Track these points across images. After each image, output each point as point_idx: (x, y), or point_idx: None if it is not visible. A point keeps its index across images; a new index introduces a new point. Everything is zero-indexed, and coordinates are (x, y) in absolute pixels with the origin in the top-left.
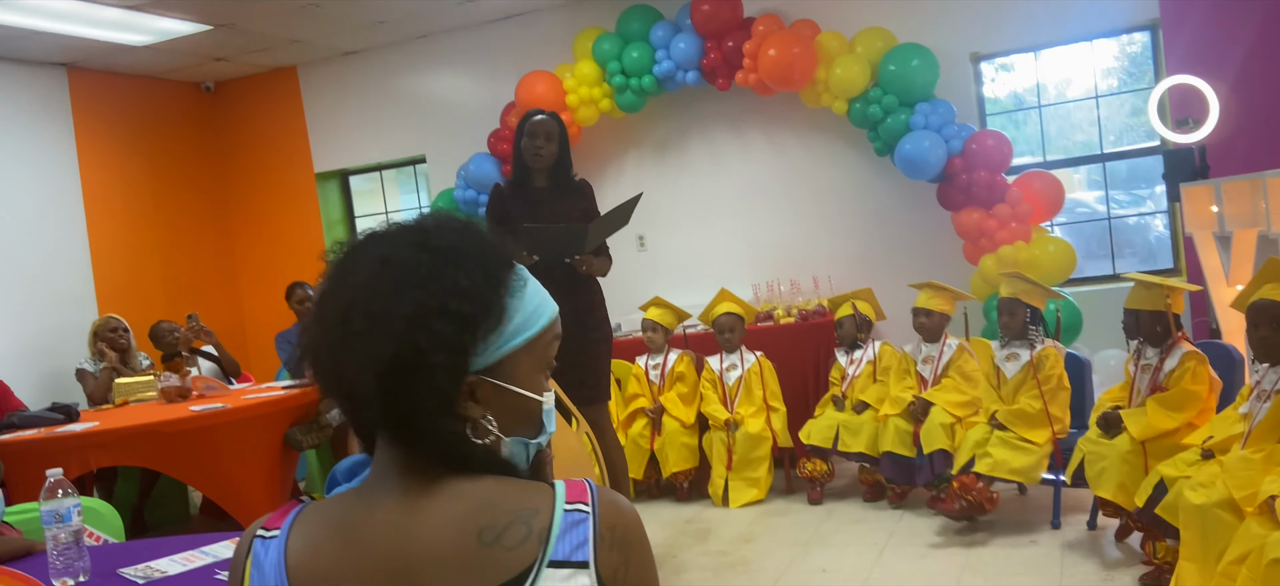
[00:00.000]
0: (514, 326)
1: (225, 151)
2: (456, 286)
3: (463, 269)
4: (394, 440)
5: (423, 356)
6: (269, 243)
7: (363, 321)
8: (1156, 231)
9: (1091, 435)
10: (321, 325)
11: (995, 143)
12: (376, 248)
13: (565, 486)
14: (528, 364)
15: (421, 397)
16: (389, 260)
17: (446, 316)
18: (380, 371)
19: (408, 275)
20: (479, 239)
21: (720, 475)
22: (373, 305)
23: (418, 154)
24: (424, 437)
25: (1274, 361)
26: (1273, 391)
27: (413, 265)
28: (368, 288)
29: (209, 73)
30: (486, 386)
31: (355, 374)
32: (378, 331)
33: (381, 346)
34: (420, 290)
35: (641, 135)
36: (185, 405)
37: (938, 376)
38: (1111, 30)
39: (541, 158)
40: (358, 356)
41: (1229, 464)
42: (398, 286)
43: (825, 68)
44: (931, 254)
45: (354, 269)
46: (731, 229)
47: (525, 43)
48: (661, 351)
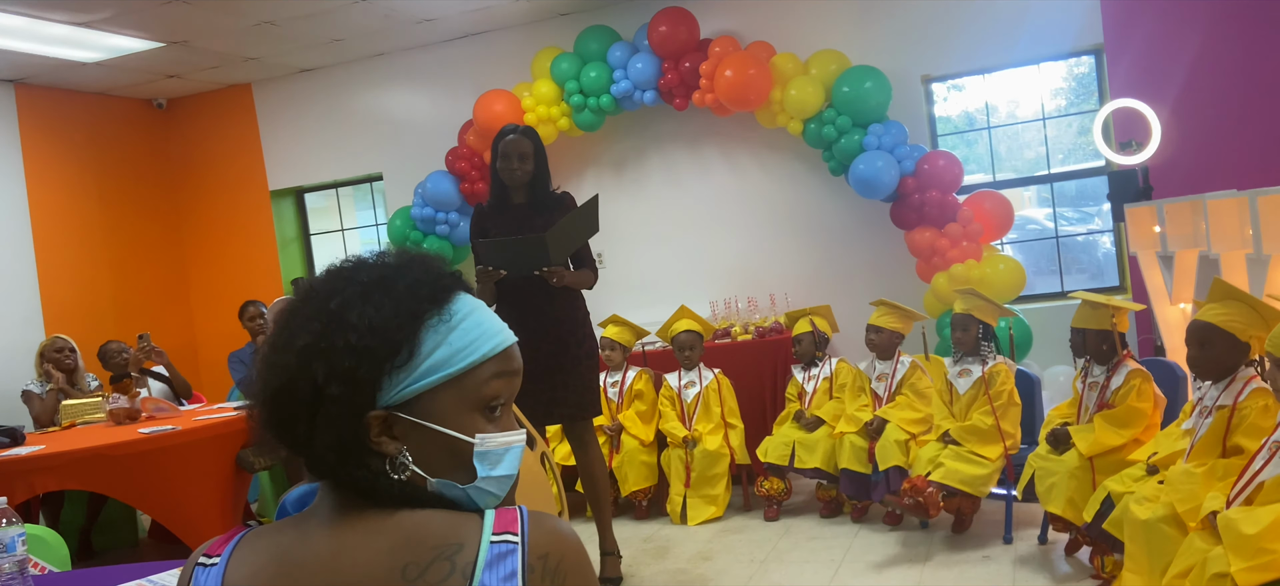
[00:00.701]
0: (432, 363)
1: (178, 169)
2: (361, 320)
3: (374, 302)
4: (318, 474)
5: (317, 389)
6: (222, 261)
7: (266, 352)
8: (1104, 248)
9: (1041, 451)
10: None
11: (946, 163)
12: (318, 281)
13: (494, 516)
14: (453, 401)
15: (320, 430)
16: (312, 292)
17: (346, 349)
18: (267, 399)
19: (319, 308)
20: (413, 271)
21: (678, 493)
22: (277, 337)
23: (375, 171)
24: (333, 471)
25: (1210, 378)
26: (1213, 407)
27: (327, 298)
28: (280, 319)
29: (161, 90)
30: (402, 422)
31: (257, 405)
32: (274, 361)
33: (272, 377)
34: (321, 321)
35: (599, 154)
36: (134, 427)
37: (891, 393)
38: (1058, 54)
39: (517, 176)
40: (263, 384)
41: (1172, 478)
42: (306, 319)
43: (780, 89)
44: (885, 272)
45: (293, 304)
46: (689, 247)
47: (483, 61)
48: (619, 369)
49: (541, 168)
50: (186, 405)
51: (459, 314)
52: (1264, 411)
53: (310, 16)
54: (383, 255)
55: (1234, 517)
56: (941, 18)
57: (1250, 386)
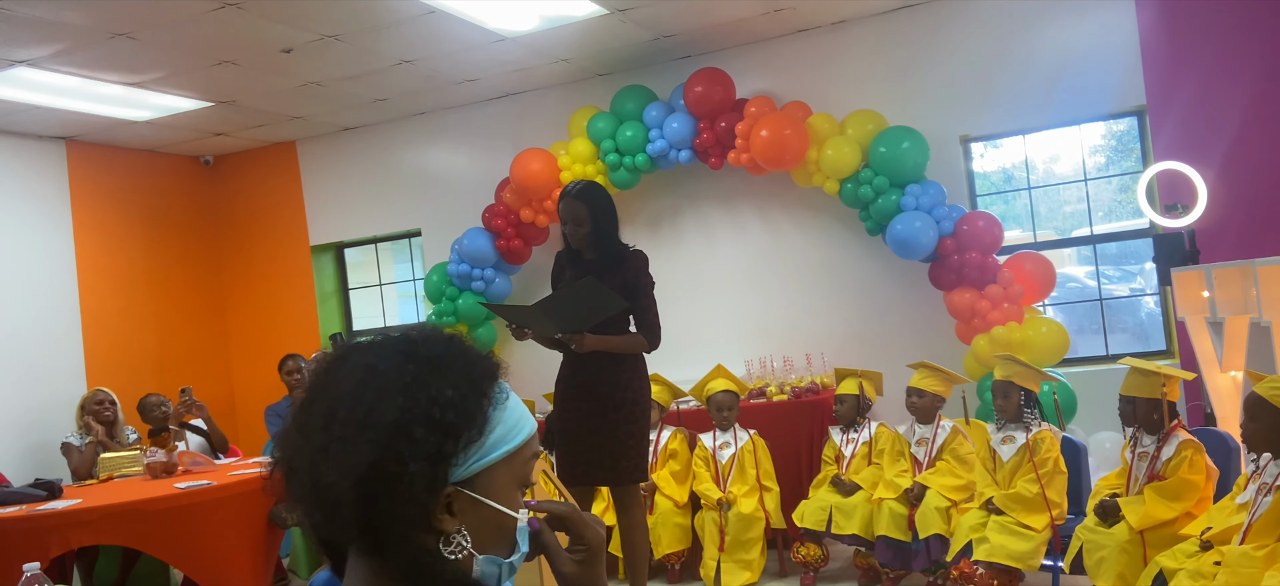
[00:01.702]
0: (495, 438)
1: (222, 224)
2: (441, 395)
3: (447, 377)
4: (364, 552)
5: (403, 464)
6: (262, 315)
7: (343, 427)
8: (1148, 309)
9: (1089, 523)
10: (301, 432)
11: (986, 224)
12: (362, 356)
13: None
14: (505, 478)
15: (399, 505)
16: (374, 368)
17: (430, 424)
18: (360, 477)
19: (392, 382)
20: (464, 350)
21: (712, 556)
22: (355, 411)
23: (413, 227)
24: (396, 550)
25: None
26: (1274, 485)
27: (398, 372)
28: (351, 395)
29: (208, 147)
30: (463, 499)
31: (334, 479)
32: (359, 437)
33: (363, 452)
34: (404, 396)
35: (635, 212)
36: (170, 481)
37: (932, 458)
38: (1099, 115)
39: (575, 240)
40: (337, 462)
41: (1231, 559)
42: (382, 393)
43: (816, 148)
44: (924, 333)
45: (338, 377)
46: (724, 305)
47: (522, 120)
48: (654, 428)
49: (603, 224)
50: (223, 459)
51: (507, 392)
52: None
53: (355, 77)
54: (421, 331)
55: None
56: (980, 78)
57: None
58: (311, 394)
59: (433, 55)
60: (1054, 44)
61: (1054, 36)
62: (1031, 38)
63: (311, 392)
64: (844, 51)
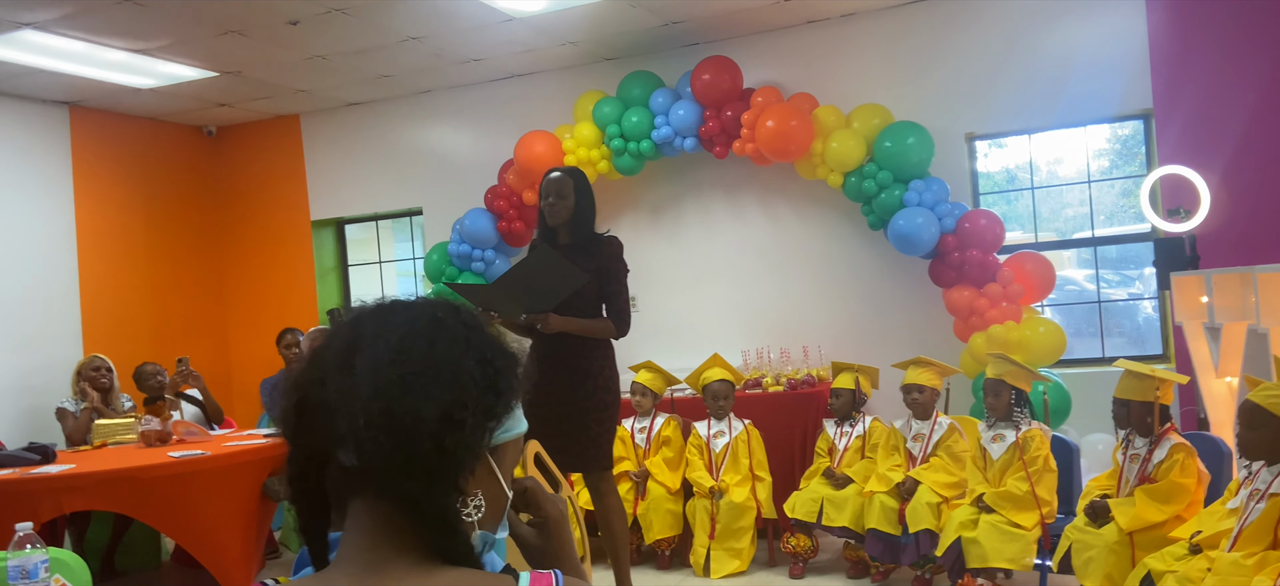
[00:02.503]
0: (513, 418)
1: (223, 195)
2: (495, 359)
3: (497, 349)
4: (388, 497)
5: (466, 411)
6: (260, 288)
7: (423, 364)
8: (1145, 314)
9: (1079, 523)
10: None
11: (987, 223)
12: (421, 307)
13: (530, 579)
14: (511, 457)
15: (463, 450)
16: (442, 322)
17: (486, 384)
18: (444, 410)
19: (459, 337)
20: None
21: (702, 544)
22: (433, 352)
23: (415, 206)
24: (442, 493)
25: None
26: (1267, 492)
27: (462, 330)
28: (427, 335)
29: (212, 117)
30: (485, 465)
31: (418, 404)
32: (441, 375)
33: (445, 389)
34: (471, 353)
35: (637, 198)
36: (164, 450)
37: (927, 454)
38: (1106, 117)
39: (555, 213)
40: (421, 392)
41: (1221, 566)
42: (453, 344)
43: (822, 141)
44: (922, 329)
45: (394, 323)
46: (723, 295)
47: (527, 102)
48: (648, 415)
49: (583, 208)
50: (218, 429)
51: None
52: None
53: (361, 52)
54: (442, 304)
55: None
56: (987, 76)
57: None
58: (358, 334)
59: (440, 33)
60: (1063, 44)
61: (1063, 37)
62: (1040, 37)
63: (359, 333)
64: (852, 44)
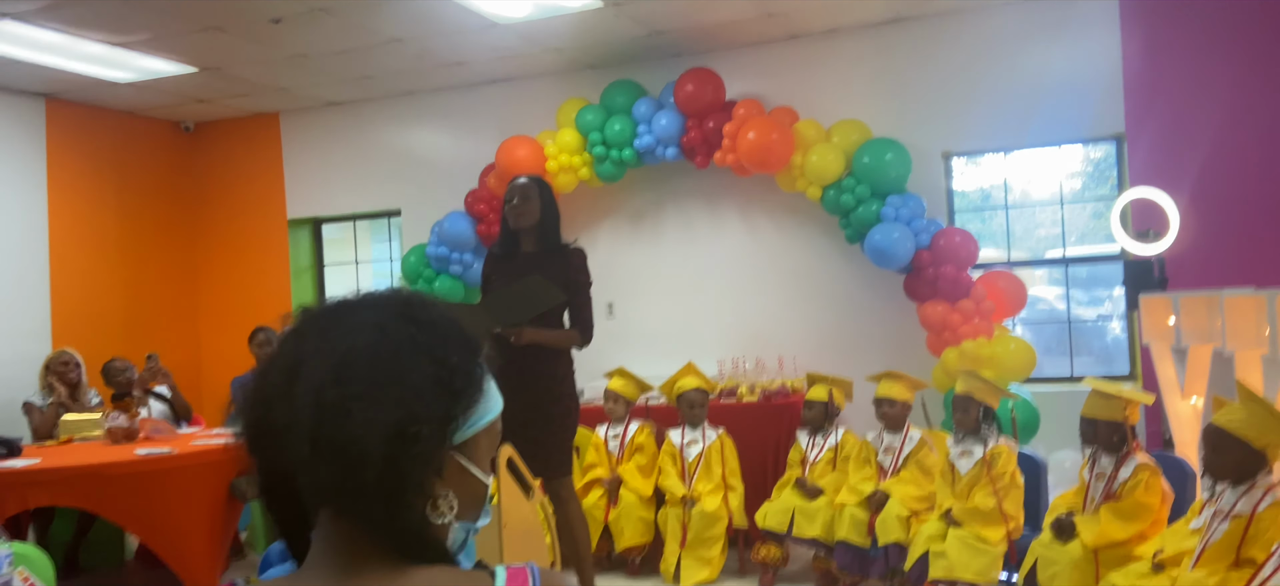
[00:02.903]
0: (484, 406)
1: (199, 191)
2: (448, 358)
3: (451, 343)
4: (363, 514)
5: (420, 424)
6: (234, 285)
7: (365, 385)
8: (1114, 334)
9: (1044, 539)
10: (308, 386)
11: (962, 240)
12: (363, 314)
13: (506, 574)
14: (486, 446)
15: (415, 466)
16: (384, 328)
17: (441, 387)
18: (387, 435)
19: (406, 343)
20: (454, 315)
21: (673, 552)
22: (375, 370)
23: (394, 207)
24: (403, 512)
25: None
26: (1230, 514)
27: (409, 335)
28: (368, 352)
29: (190, 113)
30: (454, 464)
31: (360, 434)
32: (384, 396)
33: (389, 411)
34: (420, 358)
35: (618, 205)
36: (131, 447)
37: (897, 467)
38: (1079, 138)
39: (519, 218)
40: (362, 419)
41: (1183, 585)
42: (398, 353)
43: (801, 154)
44: (895, 343)
45: (339, 334)
46: (700, 304)
47: (510, 107)
48: (622, 422)
49: (549, 215)
50: (186, 427)
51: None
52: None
53: (344, 52)
54: (408, 293)
55: None
56: (963, 96)
57: (1270, 496)
58: (301, 352)
59: (424, 35)
60: (1038, 67)
61: (1039, 59)
62: (1016, 59)
63: (301, 350)
64: (834, 60)
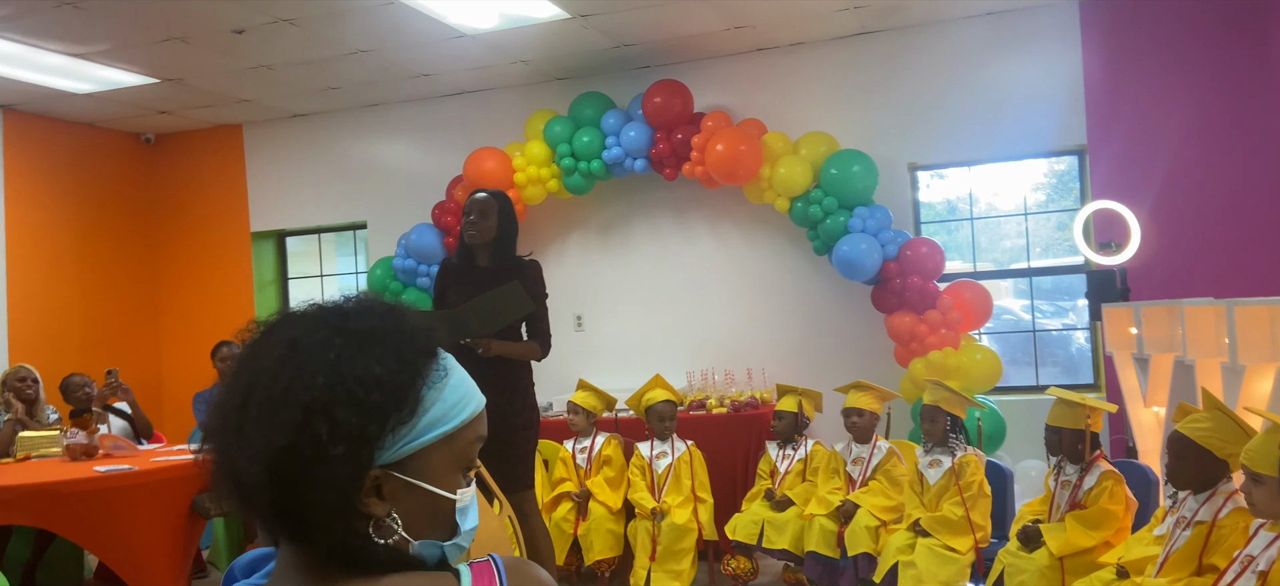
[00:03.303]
0: (429, 419)
1: (160, 204)
2: (367, 374)
3: (376, 355)
4: (288, 537)
5: (322, 447)
6: (197, 299)
7: (259, 407)
8: (1078, 344)
9: (1011, 547)
10: (221, 409)
11: (929, 251)
12: (288, 329)
13: (471, 574)
14: (443, 460)
15: (318, 491)
16: (297, 343)
17: (352, 405)
18: (271, 462)
19: (315, 359)
20: (401, 324)
21: (643, 565)
22: (272, 390)
23: (359, 220)
24: (318, 536)
25: (1188, 489)
26: (1192, 521)
27: (322, 348)
28: (270, 371)
29: (151, 124)
30: (394, 482)
31: (245, 464)
32: (273, 418)
33: (276, 435)
34: (326, 375)
35: (587, 217)
36: (90, 464)
37: (866, 478)
38: (1042, 151)
39: (477, 234)
40: (249, 445)
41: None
42: (301, 370)
43: (770, 166)
44: (863, 354)
45: (262, 351)
46: (670, 316)
47: (477, 119)
48: (587, 435)
49: (506, 230)
50: (146, 444)
51: (447, 369)
52: (1243, 533)
53: (308, 63)
54: (358, 302)
55: None
56: (930, 108)
57: (1230, 504)
58: (236, 367)
59: (389, 46)
60: (1002, 81)
61: (1003, 73)
62: (981, 73)
63: (237, 365)
64: (801, 72)
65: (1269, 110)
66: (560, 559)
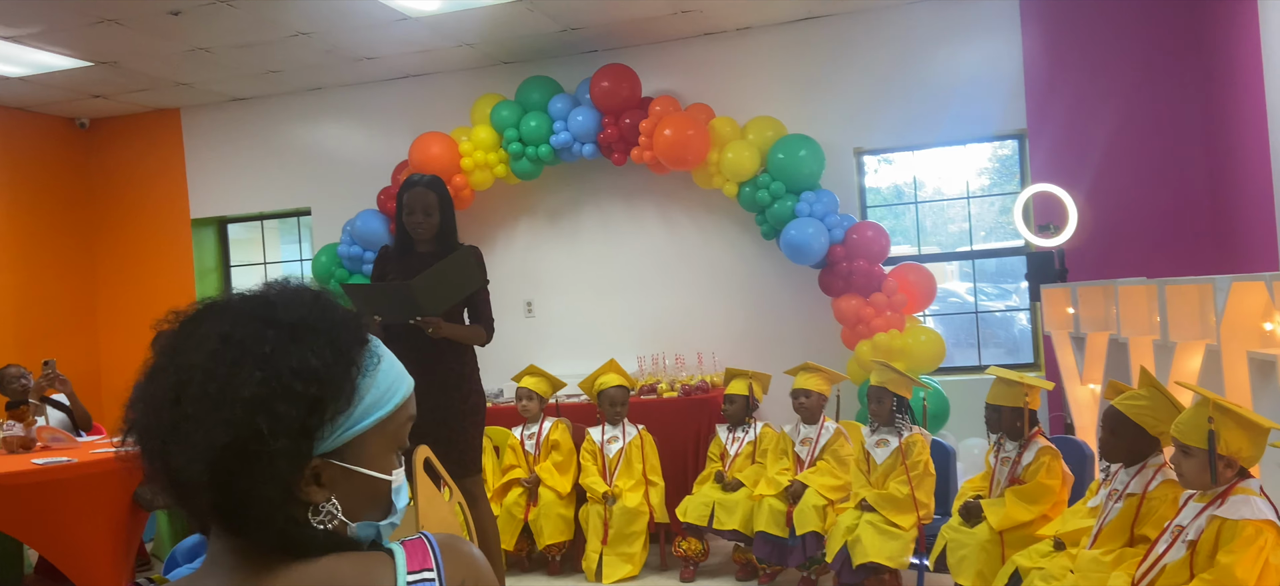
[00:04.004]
0: (365, 406)
1: (96, 190)
2: (304, 366)
3: (311, 346)
4: (227, 530)
5: (263, 442)
6: (135, 288)
7: (196, 405)
8: (1020, 325)
9: (953, 523)
10: (150, 405)
11: (874, 234)
12: (216, 322)
13: (404, 552)
14: (378, 444)
15: (260, 485)
16: (229, 337)
17: (291, 398)
18: (213, 460)
19: (249, 353)
20: (331, 313)
21: (595, 549)
22: (208, 387)
23: (303, 206)
24: (260, 527)
25: (1120, 462)
26: (1124, 493)
27: (256, 342)
28: (204, 368)
29: (86, 108)
30: (333, 469)
31: (185, 463)
32: (213, 416)
33: (217, 433)
34: (263, 370)
35: (535, 203)
36: (28, 457)
37: (814, 458)
38: (985, 136)
39: (422, 231)
40: (188, 443)
41: (1081, 563)
42: (237, 365)
43: (718, 151)
44: (811, 336)
45: (189, 345)
46: (619, 301)
47: (423, 103)
48: (536, 420)
49: (448, 219)
50: (85, 436)
51: (379, 355)
52: (1172, 503)
53: (247, 46)
54: (282, 292)
55: None
56: (875, 93)
57: (1160, 476)
58: (160, 360)
59: (332, 29)
60: (946, 66)
61: (946, 59)
62: (926, 59)
63: (161, 358)
64: (748, 57)
65: (1201, 95)
66: (511, 544)
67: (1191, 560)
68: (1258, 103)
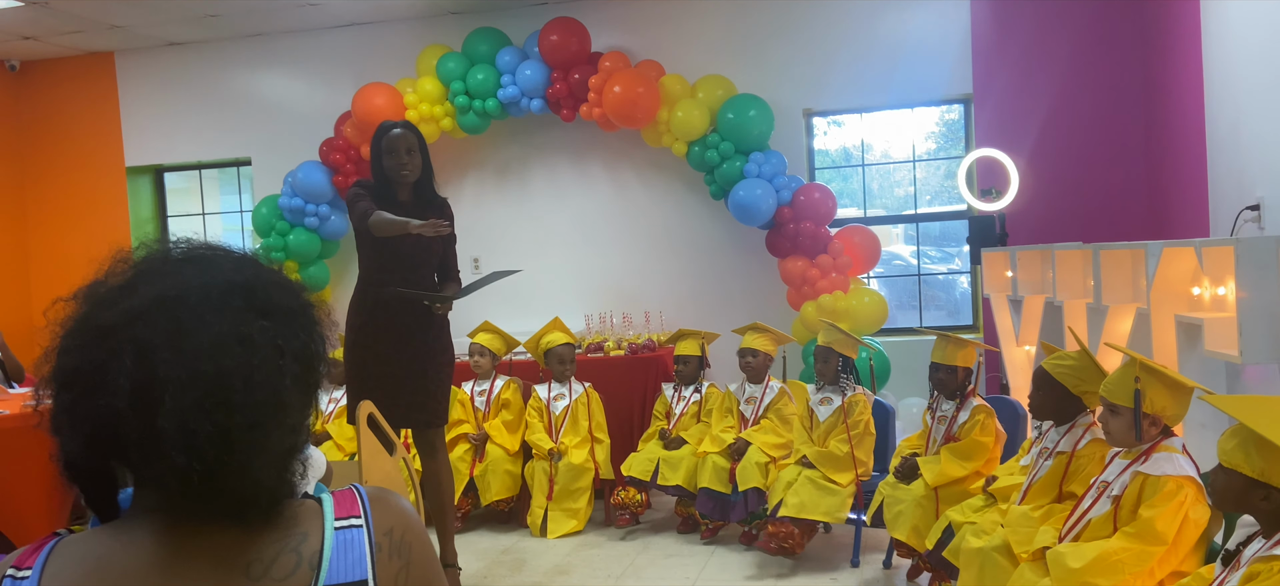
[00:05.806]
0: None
1: (26, 136)
2: (311, 351)
3: (310, 334)
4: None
5: (298, 436)
6: (68, 237)
7: (248, 413)
8: (961, 288)
9: (890, 480)
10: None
11: (821, 196)
12: (219, 320)
13: (332, 501)
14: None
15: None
16: (247, 339)
17: (309, 389)
18: (281, 465)
19: (276, 356)
20: (305, 295)
21: (540, 505)
22: (254, 396)
23: (243, 156)
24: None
25: (1049, 420)
26: (1054, 450)
27: (273, 344)
28: (242, 376)
29: (15, 51)
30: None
31: (253, 472)
32: (272, 425)
33: (278, 441)
34: (293, 369)
35: (483, 158)
36: None
37: (758, 416)
38: (932, 100)
39: (407, 172)
40: (249, 455)
41: (1012, 518)
42: (278, 376)
43: (667, 109)
44: (758, 297)
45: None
46: (567, 259)
47: (367, 52)
48: (488, 377)
49: (427, 165)
50: (17, 388)
51: None
52: (1099, 462)
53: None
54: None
55: (1062, 552)
56: (825, 55)
57: (1089, 435)
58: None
59: None
60: (895, 29)
61: (895, 22)
62: (875, 21)
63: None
64: (699, 15)
65: (1140, 62)
66: (455, 500)
67: (1115, 514)
68: (1195, 73)
